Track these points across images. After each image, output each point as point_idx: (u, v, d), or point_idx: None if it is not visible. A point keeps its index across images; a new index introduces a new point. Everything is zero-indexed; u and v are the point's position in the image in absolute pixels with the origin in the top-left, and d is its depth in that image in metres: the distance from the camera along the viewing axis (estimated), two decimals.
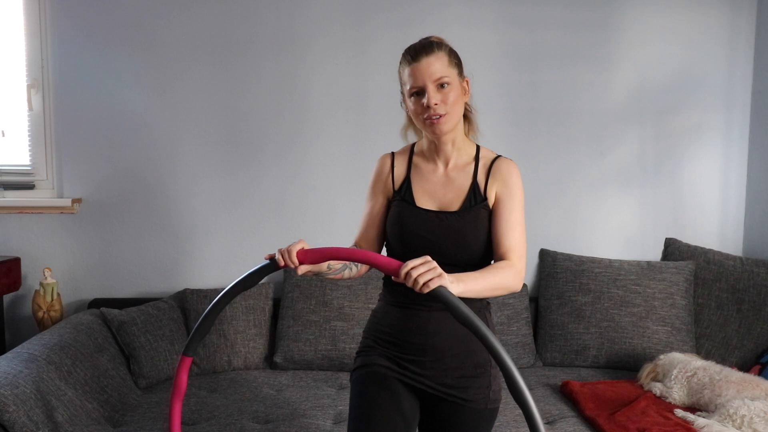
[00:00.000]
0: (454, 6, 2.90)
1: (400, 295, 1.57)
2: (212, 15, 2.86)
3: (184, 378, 1.44)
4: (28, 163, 2.90)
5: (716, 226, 3.09)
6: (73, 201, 2.83)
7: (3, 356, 2.11)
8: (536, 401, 2.40)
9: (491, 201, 1.56)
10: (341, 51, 2.91)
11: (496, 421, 2.26)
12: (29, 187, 2.89)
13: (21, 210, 2.83)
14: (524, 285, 2.93)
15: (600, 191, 3.03)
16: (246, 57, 2.89)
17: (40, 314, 2.73)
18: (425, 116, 1.51)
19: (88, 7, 2.83)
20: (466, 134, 1.64)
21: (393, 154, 1.68)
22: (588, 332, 2.79)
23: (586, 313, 2.80)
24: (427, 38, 1.57)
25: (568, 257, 2.93)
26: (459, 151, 1.60)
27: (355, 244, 1.66)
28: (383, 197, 1.65)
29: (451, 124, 1.53)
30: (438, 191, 1.59)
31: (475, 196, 1.56)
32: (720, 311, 2.81)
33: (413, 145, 1.67)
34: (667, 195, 3.05)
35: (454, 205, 1.57)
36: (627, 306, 2.78)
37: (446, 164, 1.61)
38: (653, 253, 3.06)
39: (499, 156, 1.62)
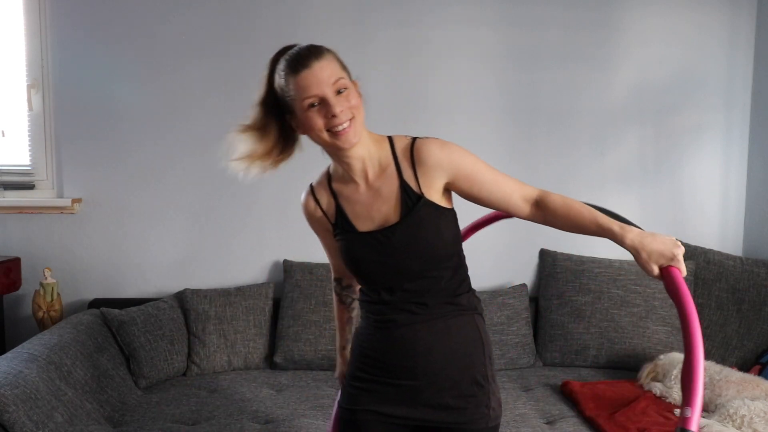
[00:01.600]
0: (454, 5, 2.90)
1: (377, 312, 1.43)
2: (212, 15, 2.86)
3: None
4: (28, 163, 2.90)
5: (716, 226, 3.09)
6: (73, 201, 2.83)
7: (3, 356, 2.11)
8: (536, 401, 2.42)
9: (433, 193, 1.38)
10: (340, 50, 2.90)
11: None
12: (29, 187, 2.89)
13: (21, 210, 2.83)
14: (524, 285, 2.93)
15: (600, 191, 3.03)
16: (246, 57, 2.88)
17: (40, 314, 2.73)
18: (329, 129, 1.32)
19: (88, 7, 2.83)
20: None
21: (312, 188, 1.50)
22: (588, 332, 2.79)
23: (586, 313, 2.80)
24: (304, 45, 1.38)
25: (568, 257, 2.93)
26: (372, 158, 1.40)
27: (337, 277, 1.59)
28: (327, 232, 1.49)
29: (360, 132, 1.34)
30: (371, 210, 1.40)
31: (410, 197, 1.37)
32: (720, 311, 2.81)
33: (328, 170, 1.49)
34: (667, 195, 3.05)
35: (393, 216, 1.38)
36: (627, 306, 2.78)
37: (366, 179, 1.40)
38: None
39: (414, 140, 1.41)
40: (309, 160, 3.09)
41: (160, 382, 2.59)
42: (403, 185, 1.38)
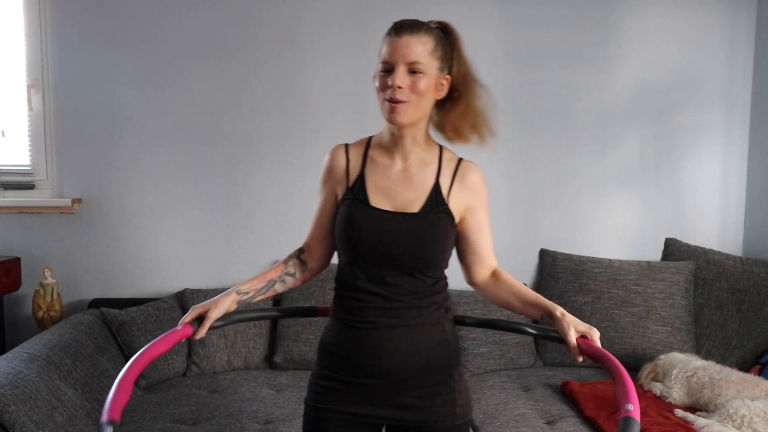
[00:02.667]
0: (455, 5, 2.90)
1: (347, 310, 1.43)
2: (212, 15, 2.86)
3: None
4: (28, 163, 2.89)
5: (716, 226, 3.09)
6: (73, 201, 2.83)
7: (3, 356, 2.11)
8: (536, 401, 2.42)
9: (454, 207, 1.43)
10: (341, 51, 2.91)
11: (497, 421, 2.27)
12: (29, 187, 2.89)
13: (21, 210, 2.83)
14: (524, 285, 2.92)
15: (600, 191, 3.03)
16: (246, 57, 2.89)
17: (40, 314, 2.73)
18: (386, 96, 1.36)
19: (87, 7, 2.83)
20: (460, 135, 1.49)
21: (347, 145, 1.50)
22: None
23: (586, 313, 2.80)
24: (421, 20, 1.45)
25: (568, 257, 2.93)
26: (420, 148, 1.45)
27: (303, 247, 1.54)
28: (333, 193, 1.48)
29: (411, 117, 1.37)
30: (394, 189, 1.42)
31: (437, 198, 1.42)
32: (720, 311, 2.81)
33: (370, 137, 1.51)
34: (667, 195, 3.05)
35: (414, 206, 1.41)
36: (627, 306, 2.78)
37: (405, 160, 1.44)
38: (653, 253, 3.06)
39: (462, 158, 1.49)
40: (309, 163, 3.09)
41: (160, 382, 2.59)
42: (437, 186, 1.43)
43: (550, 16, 2.93)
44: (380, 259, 1.39)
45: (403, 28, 1.39)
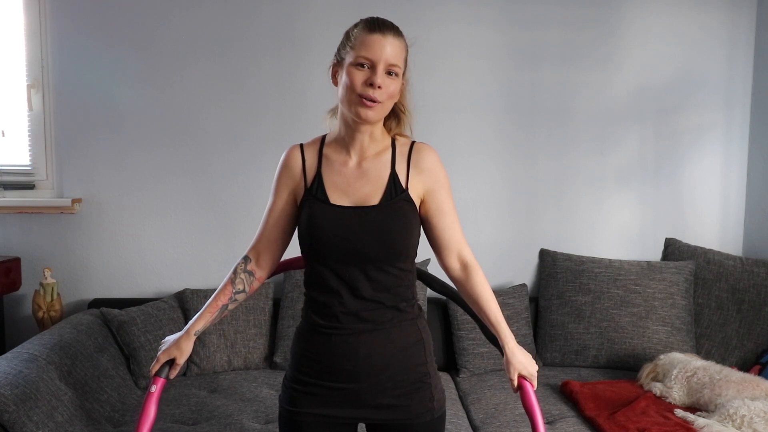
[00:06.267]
0: (455, 4, 2.90)
1: (320, 315, 1.42)
2: (212, 15, 2.86)
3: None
4: (28, 163, 2.89)
5: (716, 226, 3.09)
6: (73, 201, 2.83)
7: (3, 356, 2.11)
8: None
9: (414, 193, 1.43)
10: None
11: (497, 421, 2.27)
12: (29, 187, 2.89)
13: (21, 210, 2.83)
14: (524, 285, 2.93)
15: (600, 191, 3.03)
16: (246, 56, 2.89)
17: (40, 314, 2.73)
18: (361, 93, 1.35)
19: (88, 7, 2.83)
20: (389, 131, 1.49)
21: (302, 145, 1.49)
22: (588, 332, 2.79)
23: (586, 313, 2.80)
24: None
25: (568, 257, 2.93)
26: (375, 142, 1.44)
27: (248, 256, 1.50)
28: (289, 194, 1.47)
29: (379, 116, 1.40)
30: (352, 185, 1.42)
31: (396, 186, 1.41)
32: (720, 311, 2.81)
33: (323, 136, 1.51)
34: (667, 195, 3.05)
35: (373, 198, 1.40)
36: (627, 306, 2.78)
37: (360, 156, 1.44)
38: (653, 253, 3.06)
39: (414, 141, 1.48)
40: None
41: None
42: (393, 175, 1.42)
43: (550, 15, 2.93)
44: (347, 255, 1.38)
45: (387, 27, 1.39)
